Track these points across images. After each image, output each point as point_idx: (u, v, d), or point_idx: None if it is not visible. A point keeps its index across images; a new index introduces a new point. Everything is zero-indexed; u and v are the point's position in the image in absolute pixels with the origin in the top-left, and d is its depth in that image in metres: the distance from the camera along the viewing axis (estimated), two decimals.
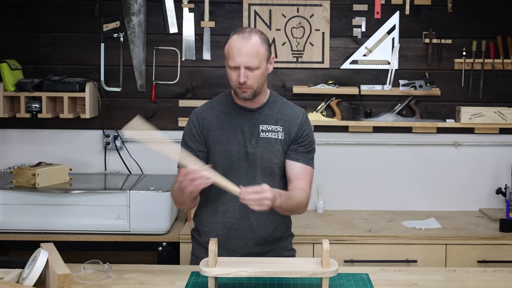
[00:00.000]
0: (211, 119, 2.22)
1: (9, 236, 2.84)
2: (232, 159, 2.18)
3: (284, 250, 2.31)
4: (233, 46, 2.08)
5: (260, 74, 2.11)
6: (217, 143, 2.19)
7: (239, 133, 2.19)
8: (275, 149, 2.19)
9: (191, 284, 2.00)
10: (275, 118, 2.21)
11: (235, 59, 2.07)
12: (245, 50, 2.06)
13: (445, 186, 3.43)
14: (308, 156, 2.23)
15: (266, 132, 2.19)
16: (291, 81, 3.38)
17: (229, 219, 2.21)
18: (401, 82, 3.35)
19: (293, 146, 2.21)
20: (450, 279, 2.08)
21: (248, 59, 2.06)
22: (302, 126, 2.22)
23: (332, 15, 3.36)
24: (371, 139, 3.41)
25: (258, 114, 2.21)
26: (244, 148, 2.18)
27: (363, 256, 2.89)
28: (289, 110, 2.24)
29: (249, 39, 2.07)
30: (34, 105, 3.15)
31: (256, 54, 2.07)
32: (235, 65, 2.07)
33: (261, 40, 2.10)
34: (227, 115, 2.21)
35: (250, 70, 2.08)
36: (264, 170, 2.19)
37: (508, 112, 3.30)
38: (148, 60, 3.37)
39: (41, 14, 3.34)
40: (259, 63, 2.08)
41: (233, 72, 2.10)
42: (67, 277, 1.86)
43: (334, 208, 3.40)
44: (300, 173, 2.20)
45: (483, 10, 3.36)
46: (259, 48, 2.08)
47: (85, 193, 2.89)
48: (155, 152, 2.00)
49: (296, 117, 2.23)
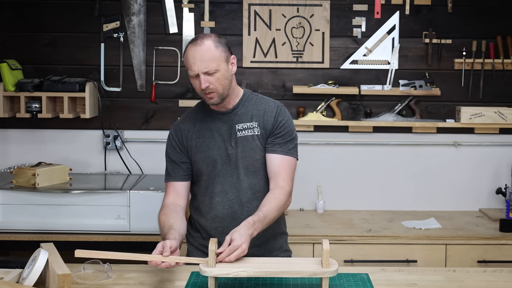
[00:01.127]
0: (189, 129, 2.23)
1: (9, 236, 2.84)
2: (215, 164, 2.18)
3: (280, 251, 2.30)
4: (188, 55, 2.08)
5: (222, 76, 2.09)
6: (198, 150, 2.20)
7: (218, 137, 2.19)
8: (253, 146, 2.18)
9: (191, 284, 1.99)
10: (250, 115, 2.20)
11: (192, 67, 2.06)
12: (199, 56, 2.05)
13: (445, 186, 3.43)
14: (287, 146, 2.19)
15: (242, 130, 2.18)
16: (291, 81, 3.38)
17: (219, 223, 2.21)
18: (401, 82, 3.35)
19: (270, 139, 2.18)
20: (450, 279, 2.08)
21: (204, 64, 2.05)
22: (277, 118, 2.19)
23: (332, 15, 3.36)
24: (371, 139, 3.41)
25: (233, 115, 2.20)
26: (225, 151, 2.18)
27: (363, 256, 2.89)
28: (263, 104, 2.22)
29: (201, 45, 2.06)
30: (34, 105, 3.15)
31: (211, 57, 2.06)
32: (193, 74, 2.07)
33: (214, 43, 2.08)
34: (204, 121, 2.22)
35: (210, 75, 2.07)
36: (247, 169, 2.18)
37: (508, 112, 3.30)
38: (148, 60, 3.37)
39: (41, 14, 3.34)
40: (216, 66, 2.07)
41: (195, 81, 2.09)
42: (67, 277, 1.85)
43: (334, 208, 3.40)
44: (279, 166, 2.17)
45: (483, 10, 3.36)
46: (213, 51, 2.07)
47: (85, 193, 2.89)
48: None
49: (270, 110, 2.20)
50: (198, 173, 2.22)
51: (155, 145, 3.39)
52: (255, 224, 2.00)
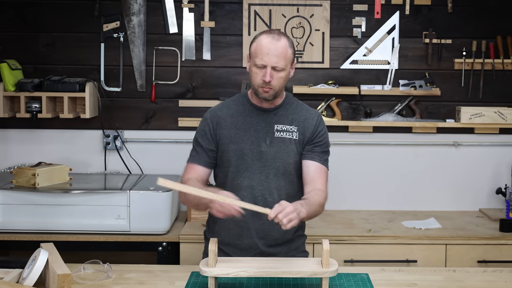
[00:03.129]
0: (225, 118, 2.23)
1: (9, 236, 2.84)
2: (245, 158, 2.18)
3: (297, 252, 2.31)
4: (262, 45, 2.10)
5: (284, 76, 2.14)
6: (230, 141, 2.20)
7: (253, 132, 2.20)
8: (289, 149, 2.20)
9: (191, 284, 2.00)
10: (290, 119, 2.23)
11: (264, 58, 2.09)
12: (274, 50, 2.08)
13: (445, 186, 3.43)
14: (324, 156, 2.25)
15: (281, 132, 2.20)
16: (291, 81, 3.38)
17: (241, 219, 2.20)
18: (401, 82, 3.35)
19: (309, 146, 2.22)
20: (450, 279, 2.08)
21: (276, 59, 2.09)
22: (317, 127, 2.24)
23: (332, 15, 3.36)
24: (371, 139, 3.41)
25: (273, 114, 2.22)
26: (258, 147, 2.19)
27: (363, 256, 2.89)
28: (304, 111, 2.26)
29: (279, 40, 2.10)
30: (34, 105, 3.15)
31: (284, 56, 2.10)
32: (262, 64, 2.09)
33: (289, 43, 2.14)
34: (242, 114, 2.23)
35: (276, 71, 2.10)
36: (278, 170, 2.19)
37: (508, 112, 3.30)
38: (148, 60, 3.37)
39: (41, 14, 3.34)
40: (285, 65, 2.11)
41: (258, 71, 2.11)
42: (67, 277, 1.86)
43: (334, 208, 3.40)
44: (316, 173, 2.21)
45: (483, 10, 3.36)
46: (287, 51, 2.12)
47: (85, 193, 2.89)
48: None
49: (311, 118, 2.25)
50: (227, 164, 2.21)
51: (155, 145, 3.39)
52: (303, 205, 2.01)
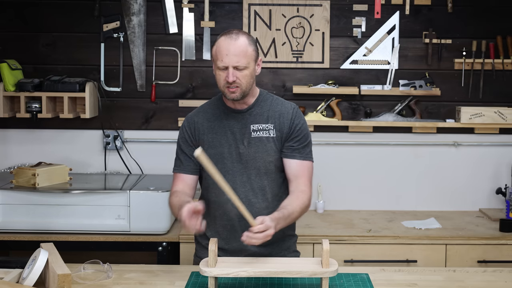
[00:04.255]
0: (202, 123, 2.23)
1: (9, 236, 2.84)
2: (225, 162, 2.18)
3: (288, 252, 2.30)
4: (221, 46, 2.09)
5: (249, 74, 2.12)
6: (209, 146, 2.20)
7: (230, 134, 2.19)
8: (268, 148, 2.19)
9: (191, 284, 2.00)
10: (266, 117, 2.21)
11: (224, 59, 2.08)
12: (233, 50, 2.08)
13: (445, 186, 3.43)
14: (304, 150, 2.21)
15: (257, 131, 2.19)
16: (291, 81, 3.38)
17: (228, 221, 2.21)
18: (401, 82, 3.35)
19: (288, 143, 2.20)
20: (450, 279, 2.08)
21: (236, 58, 2.08)
22: (293, 121, 2.21)
23: (332, 15, 3.36)
24: (371, 139, 3.41)
25: (248, 114, 2.21)
26: (236, 150, 2.18)
27: (363, 256, 2.89)
28: (279, 106, 2.24)
29: (237, 39, 2.09)
30: (34, 105, 3.15)
31: (244, 54, 2.09)
32: (223, 65, 2.09)
33: (248, 40, 2.12)
34: (218, 118, 2.23)
35: (239, 70, 2.10)
36: (259, 170, 2.19)
37: (508, 112, 3.30)
38: (148, 60, 3.37)
39: (41, 14, 3.34)
40: (247, 63, 2.10)
41: (221, 73, 2.11)
42: (67, 277, 1.86)
43: (334, 208, 3.40)
44: (298, 171, 2.20)
45: (483, 10, 3.36)
46: (247, 48, 2.10)
47: (85, 193, 2.89)
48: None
49: (286, 113, 2.22)
50: None
51: (155, 145, 3.39)
52: (279, 220, 2.01)
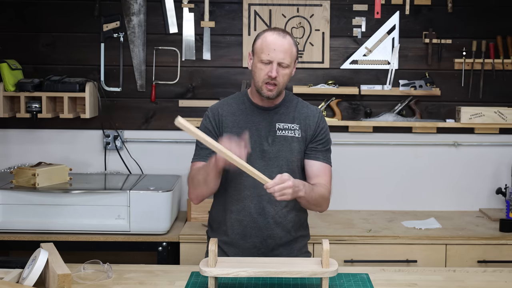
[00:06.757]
0: (226, 116, 2.22)
1: (9, 236, 2.84)
2: (248, 157, 2.17)
3: (300, 252, 2.31)
4: (269, 41, 2.10)
5: (288, 73, 2.14)
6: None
7: (255, 131, 2.19)
8: (292, 147, 2.19)
9: (191, 284, 2.00)
10: (292, 117, 2.22)
11: (270, 53, 2.09)
12: (280, 46, 2.09)
13: (445, 186, 3.43)
14: (326, 154, 2.25)
15: (282, 130, 2.20)
16: (291, 81, 3.37)
17: (244, 217, 2.19)
18: (401, 82, 3.35)
19: (311, 145, 2.22)
20: (450, 279, 2.08)
21: (282, 55, 2.09)
22: (319, 124, 2.24)
23: (332, 15, 3.36)
24: (371, 139, 3.41)
25: (274, 112, 2.22)
26: (260, 146, 2.18)
27: (363, 256, 2.89)
28: (305, 108, 2.26)
29: (285, 37, 2.11)
30: (34, 105, 3.15)
31: (290, 53, 2.11)
32: (269, 59, 2.09)
33: (293, 41, 2.15)
34: (243, 113, 2.22)
35: (282, 67, 2.11)
36: (281, 168, 2.18)
37: (508, 112, 3.30)
38: (148, 60, 3.37)
39: (41, 14, 3.33)
40: (290, 62, 2.12)
41: (263, 67, 2.11)
42: (67, 277, 1.86)
43: (334, 208, 3.39)
44: (320, 171, 2.22)
45: (483, 10, 3.36)
46: (292, 48, 2.13)
47: (85, 193, 2.89)
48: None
49: (312, 116, 2.24)
50: (228, 163, 2.20)
51: (155, 145, 3.39)
52: (305, 185, 2.03)
